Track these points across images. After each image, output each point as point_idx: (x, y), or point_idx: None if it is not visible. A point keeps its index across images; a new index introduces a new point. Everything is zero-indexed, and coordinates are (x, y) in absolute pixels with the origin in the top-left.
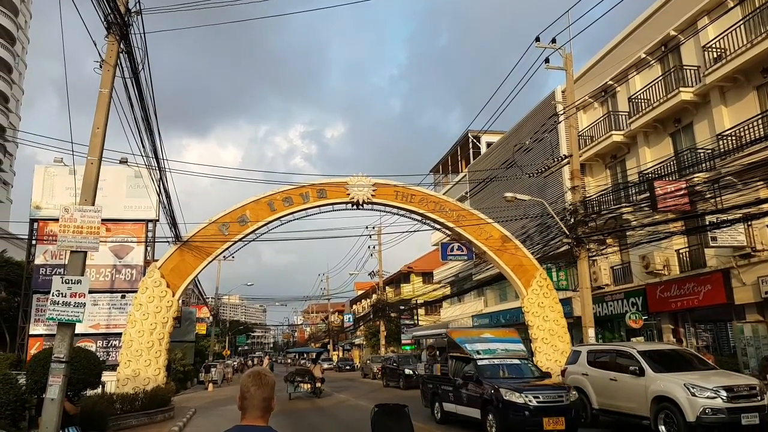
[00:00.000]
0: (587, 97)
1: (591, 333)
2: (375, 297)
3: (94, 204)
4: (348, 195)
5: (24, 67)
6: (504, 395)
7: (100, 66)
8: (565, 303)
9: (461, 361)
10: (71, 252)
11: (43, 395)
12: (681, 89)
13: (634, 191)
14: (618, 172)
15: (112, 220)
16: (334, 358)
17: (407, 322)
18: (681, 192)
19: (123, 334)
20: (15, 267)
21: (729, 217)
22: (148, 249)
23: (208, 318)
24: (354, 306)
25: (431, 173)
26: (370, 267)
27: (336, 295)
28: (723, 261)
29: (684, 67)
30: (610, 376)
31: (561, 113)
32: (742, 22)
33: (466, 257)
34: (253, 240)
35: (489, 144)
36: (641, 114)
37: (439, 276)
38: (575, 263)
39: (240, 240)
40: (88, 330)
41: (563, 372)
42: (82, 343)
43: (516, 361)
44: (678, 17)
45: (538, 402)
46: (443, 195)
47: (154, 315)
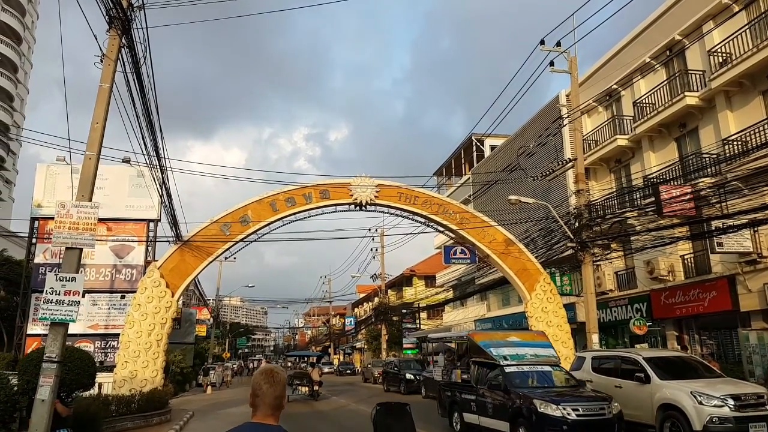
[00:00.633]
0: (592, 101)
1: (595, 339)
2: (377, 300)
3: (91, 200)
4: (351, 196)
5: (30, 67)
6: (539, 407)
7: (101, 60)
8: (569, 308)
9: (485, 367)
10: (66, 249)
11: (35, 396)
12: (686, 94)
13: (638, 196)
14: (622, 176)
15: (113, 219)
16: (335, 361)
17: (409, 326)
18: (686, 197)
19: (120, 334)
20: (15, 266)
21: (735, 223)
22: (149, 249)
23: (208, 320)
24: (355, 309)
25: (435, 176)
26: (372, 270)
27: (338, 298)
28: (728, 267)
29: (689, 72)
30: (614, 383)
31: (566, 116)
32: (747, 26)
33: (469, 261)
34: (255, 240)
35: (493, 147)
36: (646, 118)
37: (442, 279)
38: (579, 268)
39: (241, 240)
40: (86, 330)
41: None
42: (80, 344)
43: (547, 368)
44: (683, 21)
45: (577, 415)
46: (447, 197)
47: (152, 316)
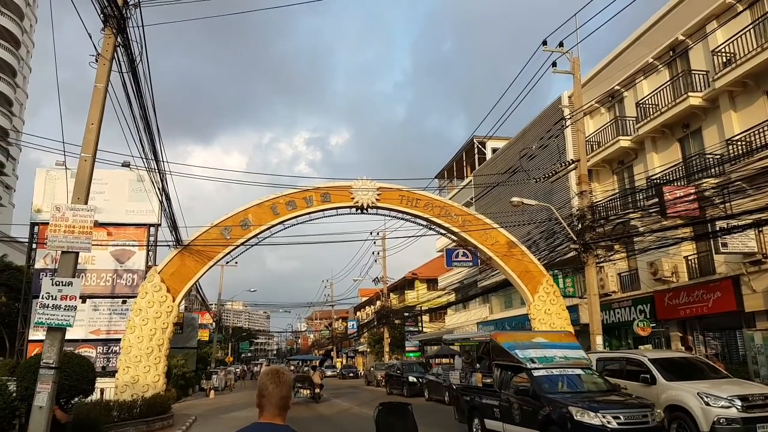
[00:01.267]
0: (594, 103)
1: (599, 340)
2: (379, 304)
3: (87, 203)
4: (352, 199)
5: (28, 71)
6: (575, 415)
7: (96, 60)
8: (572, 310)
9: (509, 371)
10: (62, 253)
11: (33, 402)
12: (690, 94)
13: (642, 197)
14: (625, 177)
15: (113, 224)
16: (337, 365)
17: (411, 329)
18: (690, 197)
19: (122, 339)
20: (15, 272)
21: (740, 223)
22: (149, 254)
23: (210, 324)
24: (358, 313)
25: (436, 178)
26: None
27: (340, 302)
28: (733, 268)
29: (692, 72)
30: (620, 384)
31: (568, 118)
32: (751, 26)
33: (471, 263)
34: (256, 244)
35: (494, 150)
36: (649, 119)
37: (444, 282)
38: (582, 270)
39: (242, 244)
40: (88, 336)
41: None
42: (82, 349)
43: (579, 371)
44: (686, 22)
45: (619, 423)
46: (449, 200)
47: (153, 320)
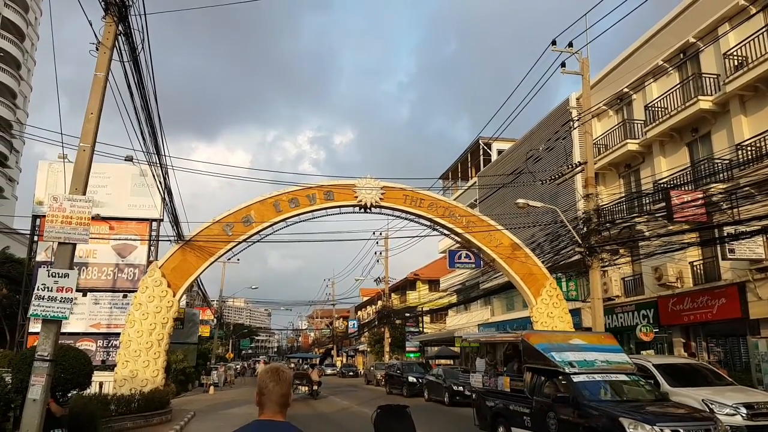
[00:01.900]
0: (602, 105)
1: None
2: (380, 304)
3: (85, 193)
4: (355, 198)
5: (33, 64)
6: (627, 427)
7: (96, 48)
8: (574, 314)
9: (543, 375)
10: (59, 244)
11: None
12: (700, 98)
13: (648, 201)
14: (632, 181)
15: (115, 218)
16: (337, 363)
17: (412, 329)
18: (698, 202)
19: (121, 333)
20: (16, 264)
21: (748, 229)
22: (151, 248)
23: (212, 320)
24: (359, 312)
25: (441, 179)
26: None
27: (341, 301)
28: (739, 274)
29: (703, 75)
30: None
31: (576, 119)
32: (765, 29)
33: (473, 265)
34: (258, 241)
35: (500, 151)
36: (657, 122)
37: (446, 284)
38: (585, 273)
39: (244, 241)
40: (88, 329)
41: None
42: (82, 343)
43: (623, 377)
44: (698, 24)
45: None
46: (453, 201)
47: (153, 315)
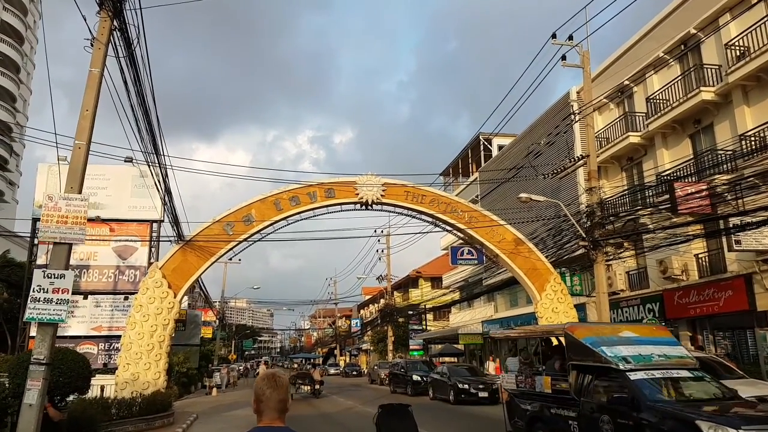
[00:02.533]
0: (603, 98)
1: None
2: (383, 302)
3: (81, 192)
4: (357, 195)
5: (32, 67)
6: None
7: (91, 44)
8: (579, 309)
9: (591, 373)
10: (54, 244)
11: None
12: (702, 89)
13: (652, 193)
14: (634, 174)
15: (116, 220)
16: (340, 363)
17: (415, 327)
18: (702, 194)
19: (122, 336)
20: (17, 268)
21: (754, 220)
22: (152, 250)
23: (214, 322)
24: (361, 311)
25: (442, 175)
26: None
27: (343, 300)
28: (745, 266)
29: (704, 66)
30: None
31: (578, 112)
32: (766, 19)
33: (476, 261)
34: (259, 240)
35: (500, 147)
36: (659, 115)
37: (449, 281)
38: (590, 268)
39: (245, 240)
40: (90, 332)
41: None
42: (83, 346)
43: (685, 373)
44: (698, 15)
45: None
46: (455, 196)
47: (154, 316)
